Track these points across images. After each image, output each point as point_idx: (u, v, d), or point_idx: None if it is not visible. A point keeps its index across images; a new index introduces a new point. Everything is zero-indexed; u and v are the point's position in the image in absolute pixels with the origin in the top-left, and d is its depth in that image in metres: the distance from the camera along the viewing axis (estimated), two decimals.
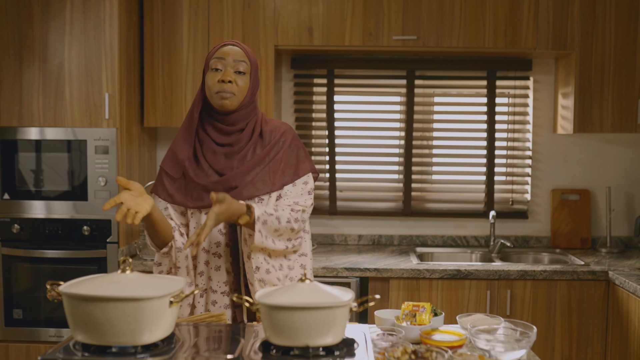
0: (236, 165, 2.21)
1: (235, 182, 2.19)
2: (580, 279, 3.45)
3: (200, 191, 2.20)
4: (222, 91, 2.16)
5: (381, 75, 4.15)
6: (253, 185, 2.20)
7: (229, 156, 2.23)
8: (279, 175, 2.25)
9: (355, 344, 1.66)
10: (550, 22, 3.70)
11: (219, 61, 2.19)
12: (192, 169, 2.22)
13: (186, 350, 1.62)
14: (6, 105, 3.52)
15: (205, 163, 2.22)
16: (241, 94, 2.20)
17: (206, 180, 2.20)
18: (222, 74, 2.18)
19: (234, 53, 2.20)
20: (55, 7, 3.47)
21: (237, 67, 2.19)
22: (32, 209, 3.56)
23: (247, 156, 2.23)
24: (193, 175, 2.21)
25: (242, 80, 2.20)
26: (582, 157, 4.15)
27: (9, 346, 3.59)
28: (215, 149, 2.23)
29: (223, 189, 2.17)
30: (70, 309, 1.57)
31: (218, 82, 2.17)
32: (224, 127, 2.22)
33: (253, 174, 2.21)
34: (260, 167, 2.23)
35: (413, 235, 4.19)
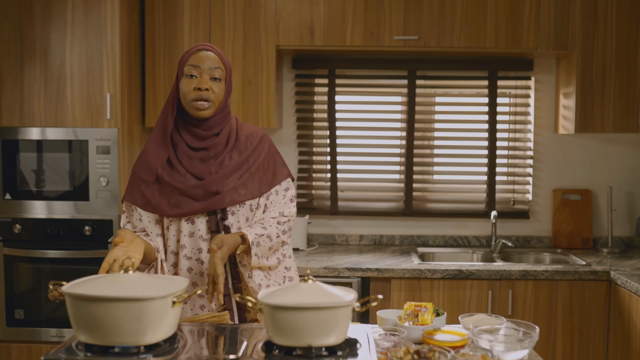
0: (214, 170, 2.19)
1: (216, 187, 2.16)
2: (581, 279, 3.45)
3: (178, 196, 2.17)
4: (198, 99, 2.14)
5: (382, 75, 4.15)
6: (235, 191, 2.18)
7: (205, 161, 2.20)
8: (258, 181, 2.24)
9: (358, 344, 1.66)
10: (551, 22, 3.70)
11: (194, 68, 2.16)
12: (167, 173, 2.18)
13: (188, 351, 1.62)
14: (7, 106, 3.52)
15: (181, 167, 2.19)
16: (217, 101, 2.19)
17: (184, 184, 2.16)
18: (197, 81, 2.15)
19: (210, 59, 2.17)
20: (56, 7, 3.47)
21: (213, 73, 2.17)
22: (34, 209, 3.56)
23: (224, 161, 2.21)
24: (169, 179, 2.17)
25: (217, 87, 2.18)
26: (583, 157, 4.15)
27: (11, 346, 3.59)
28: (190, 154, 2.20)
29: (203, 193, 2.15)
30: (73, 309, 1.57)
31: (194, 90, 2.15)
32: (199, 132, 2.20)
33: (234, 179, 2.19)
34: (239, 172, 2.21)
35: (414, 235, 4.18)
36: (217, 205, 2.16)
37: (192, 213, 2.16)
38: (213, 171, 2.19)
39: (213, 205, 2.16)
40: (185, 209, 2.15)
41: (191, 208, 2.15)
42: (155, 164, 2.19)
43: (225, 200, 2.16)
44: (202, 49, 2.19)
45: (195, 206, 2.15)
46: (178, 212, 2.16)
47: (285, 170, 2.33)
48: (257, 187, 2.23)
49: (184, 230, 2.18)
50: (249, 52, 3.73)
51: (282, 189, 2.30)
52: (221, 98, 2.20)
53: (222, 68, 2.19)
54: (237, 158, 2.23)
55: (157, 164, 2.19)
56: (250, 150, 2.26)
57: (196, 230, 2.18)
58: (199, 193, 2.16)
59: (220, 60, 2.19)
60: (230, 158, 2.22)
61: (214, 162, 2.20)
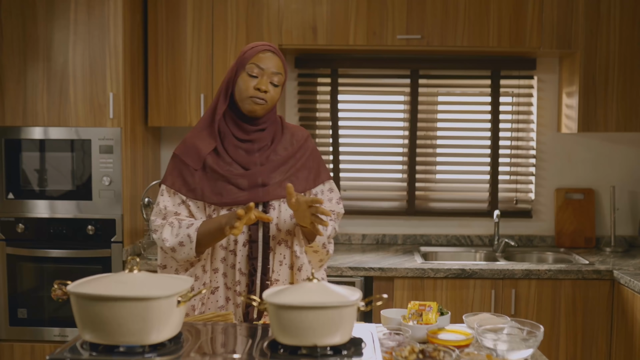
0: (259, 162, 2.20)
1: (262, 178, 2.17)
2: (585, 279, 3.45)
3: (223, 184, 2.16)
4: (255, 97, 2.14)
5: (385, 74, 4.15)
6: (280, 185, 2.19)
7: (250, 152, 2.20)
8: (304, 179, 2.25)
9: (362, 344, 1.66)
10: (554, 21, 3.69)
11: (257, 68, 2.16)
12: (212, 160, 2.18)
13: (193, 350, 1.62)
14: (10, 105, 3.52)
15: (227, 156, 2.19)
16: (272, 103, 2.19)
17: (229, 172, 2.16)
18: (258, 82, 2.15)
19: (273, 64, 2.17)
20: (59, 7, 3.47)
21: (273, 78, 2.17)
22: (36, 208, 3.56)
23: (270, 155, 2.22)
24: (215, 166, 2.17)
25: (275, 91, 2.18)
26: (586, 156, 4.15)
27: (14, 345, 3.59)
28: (236, 144, 2.20)
29: (248, 183, 2.15)
30: (78, 309, 1.57)
31: (253, 89, 2.15)
32: (246, 126, 2.20)
33: (280, 172, 2.21)
34: (286, 167, 2.22)
35: (417, 234, 4.18)
36: (261, 198, 2.16)
37: (235, 203, 2.14)
38: (258, 163, 2.19)
39: (258, 197, 2.16)
40: (228, 198, 2.14)
41: (235, 197, 2.14)
42: (203, 152, 2.18)
43: (270, 193, 2.17)
44: (268, 49, 2.18)
45: (239, 196, 2.15)
46: (221, 200, 2.15)
47: (328, 171, 2.36)
48: (302, 184, 2.24)
49: None
50: None
51: (326, 189, 2.32)
52: (275, 102, 2.20)
53: (282, 74, 2.20)
54: (282, 153, 2.24)
55: (204, 152, 2.18)
56: (296, 147, 2.27)
57: None
58: (244, 182, 2.15)
59: (282, 66, 2.20)
60: (275, 153, 2.23)
61: (259, 155, 2.21)
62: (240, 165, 2.19)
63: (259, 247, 2.17)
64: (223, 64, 3.73)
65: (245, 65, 2.17)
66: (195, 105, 3.74)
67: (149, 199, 3.63)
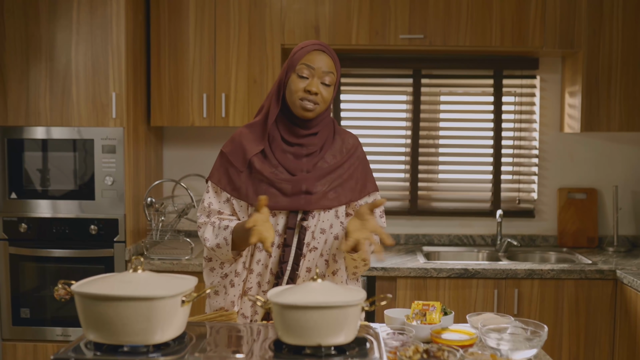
0: (306, 168, 2.15)
1: (307, 186, 2.12)
2: (588, 278, 3.45)
3: (266, 186, 2.12)
4: (306, 100, 2.10)
5: (387, 74, 4.15)
6: (325, 195, 2.14)
7: (298, 157, 2.16)
8: (349, 190, 2.21)
9: (367, 343, 1.65)
10: (557, 20, 3.69)
11: (307, 69, 2.10)
12: (258, 161, 2.14)
13: (197, 350, 1.62)
14: (13, 105, 3.52)
15: (273, 158, 2.15)
16: (324, 105, 2.14)
17: (274, 176, 2.12)
18: (309, 83, 2.10)
19: (324, 63, 2.11)
20: (61, 7, 3.48)
21: (324, 78, 2.11)
22: (39, 208, 3.56)
23: (318, 163, 2.17)
24: (260, 167, 2.13)
25: (326, 92, 2.12)
26: (588, 156, 4.15)
27: (17, 345, 3.60)
28: (284, 147, 2.16)
29: (292, 189, 2.11)
30: (83, 308, 1.57)
31: (304, 91, 2.10)
32: (297, 129, 2.16)
33: (325, 182, 2.16)
34: (332, 176, 2.17)
35: (419, 234, 4.18)
36: (303, 206, 2.12)
37: (277, 207, 2.11)
38: (305, 169, 2.15)
39: (300, 205, 2.12)
40: (270, 202, 2.10)
41: (276, 202, 2.11)
42: (249, 153, 2.15)
43: (313, 203, 2.13)
44: (318, 48, 2.13)
45: (281, 201, 2.12)
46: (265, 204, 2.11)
47: (374, 182, 2.31)
48: (347, 195, 2.19)
49: None
50: (255, 51, 3.72)
51: (370, 201, 2.26)
52: (327, 103, 2.15)
53: (334, 73, 2.13)
54: (330, 161, 2.19)
55: (250, 153, 2.15)
56: (345, 156, 2.22)
57: (275, 223, 2.13)
58: (287, 188, 2.12)
59: (333, 65, 2.14)
60: (324, 160, 2.18)
61: (306, 161, 2.17)
62: (286, 170, 2.15)
63: (291, 251, 2.14)
64: (225, 63, 3.73)
65: (295, 66, 2.12)
66: (198, 105, 3.74)
67: (151, 199, 3.63)
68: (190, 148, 4.18)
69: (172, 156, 4.19)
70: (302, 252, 2.15)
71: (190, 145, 4.18)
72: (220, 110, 3.74)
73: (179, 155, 4.19)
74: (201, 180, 4.09)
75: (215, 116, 3.74)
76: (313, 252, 2.18)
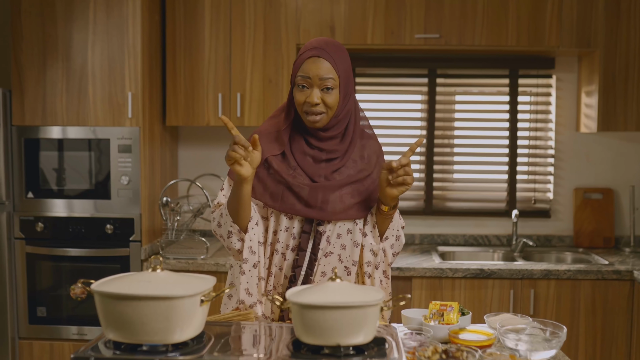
0: (324, 174, 2.12)
1: (322, 196, 2.09)
2: (604, 279, 3.43)
3: (283, 188, 2.09)
4: (309, 113, 2.06)
5: (402, 74, 4.14)
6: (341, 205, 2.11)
7: (317, 161, 2.12)
8: (368, 199, 2.16)
9: (385, 344, 1.65)
10: (574, 19, 3.67)
11: (304, 79, 2.03)
12: (277, 161, 2.11)
13: (215, 349, 1.62)
14: (30, 105, 3.54)
15: (292, 160, 2.12)
16: (331, 110, 2.06)
17: (292, 178, 2.09)
18: (308, 95, 2.03)
19: (320, 69, 2.02)
20: (78, 7, 3.49)
21: (324, 84, 2.03)
22: (55, 207, 3.58)
23: (338, 169, 2.14)
24: (278, 167, 2.10)
25: (330, 97, 2.04)
26: (605, 156, 4.12)
27: (33, 344, 3.62)
28: (305, 149, 2.12)
29: (307, 196, 2.08)
30: (102, 307, 1.57)
31: (305, 103, 2.05)
32: (317, 132, 2.12)
33: (343, 194, 2.11)
34: (350, 188, 2.13)
35: (434, 234, 4.17)
36: (317, 215, 2.10)
37: (292, 212, 2.09)
38: (323, 175, 2.12)
39: (314, 213, 2.10)
40: (286, 205, 2.09)
41: (292, 207, 2.09)
42: (265, 154, 2.11)
43: (327, 215, 2.10)
44: (313, 55, 2.04)
45: (296, 207, 2.09)
46: (278, 205, 2.10)
47: None
48: (364, 206, 2.16)
49: (282, 223, 2.13)
50: (270, 50, 3.73)
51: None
52: (335, 107, 2.06)
53: (334, 76, 2.04)
54: (350, 169, 2.15)
55: (267, 154, 2.12)
56: (365, 166, 2.18)
57: (291, 226, 2.12)
58: (304, 193, 2.08)
59: (332, 68, 2.03)
60: (345, 167, 2.15)
61: (325, 166, 2.13)
62: (304, 172, 2.12)
63: (306, 256, 2.12)
64: (241, 63, 3.73)
65: (295, 78, 2.08)
66: (213, 104, 3.75)
67: (167, 198, 3.64)
68: (205, 148, 4.19)
69: (187, 156, 4.20)
70: (317, 256, 2.13)
71: (205, 145, 4.19)
72: (236, 109, 3.74)
73: (194, 154, 4.20)
74: (216, 180, 4.09)
75: (231, 116, 3.75)
76: (328, 257, 2.15)
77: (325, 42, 2.07)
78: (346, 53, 2.11)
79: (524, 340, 1.85)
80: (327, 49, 2.05)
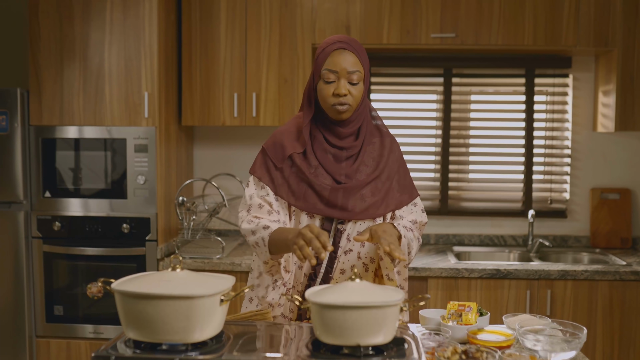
0: (345, 173, 2.13)
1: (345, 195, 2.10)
2: (622, 280, 3.40)
3: (306, 187, 2.11)
4: (338, 104, 2.07)
5: (418, 73, 4.13)
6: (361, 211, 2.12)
7: (338, 160, 2.14)
8: (392, 195, 2.19)
9: (405, 344, 1.65)
10: (591, 18, 3.64)
11: (332, 73, 2.07)
12: (300, 160, 2.13)
13: (235, 349, 1.62)
14: (48, 104, 3.56)
15: (314, 159, 2.13)
16: (356, 103, 2.10)
17: (314, 176, 2.11)
18: (335, 87, 2.07)
19: (348, 63, 2.06)
20: (95, 7, 3.51)
21: (351, 77, 2.07)
22: (71, 206, 3.60)
23: (357, 167, 2.15)
24: (302, 166, 2.12)
25: (356, 90, 2.09)
26: (622, 156, 4.09)
27: (50, 342, 3.64)
28: (326, 148, 2.14)
29: (328, 195, 2.10)
30: (123, 307, 1.58)
31: (333, 96, 2.07)
32: (336, 129, 2.14)
33: (363, 196, 2.13)
34: (370, 187, 2.15)
35: (450, 234, 4.16)
36: (338, 215, 2.11)
37: (313, 211, 2.11)
38: (344, 173, 2.13)
39: (335, 214, 2.11)
40: (307, 204, 2.11)
41: (313, 206, 2.11)
42: (288, 151, 2.14)
43: (348, 213, 2.11)
44: (339, 47, 2.08)
45: (317, 207, 2.11)
46: (300, 204, 2.12)
47: (414, 188, 2.28)
48: (385, 203, 2.17)
49: (302, 222, 2.14)
50: (285, 50, 3.73)
51: (411, 204, 2.26)
52: (359, 99, 2.11)
53: (360, 70, 2.09)
54: (370, 164, 2.17)
55: (289, 151, 2.14)
56: (383, 161, 2.20)
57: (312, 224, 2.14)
58: (325, 193, 2.10)
59: (358, 61, 2.09)
60: (364, 165, 2.17)
61: (346, 164, 2.15)
62: (326, 171, 2.13)
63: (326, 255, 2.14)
64: (256, 63, 3.73)
65: (320, 71, 2.11)
66: (229, 104, 3.75)
67: (182, 198, 3.65)
68: (220, 147, 4.19)
69: (203, 155, 4.21)
70: (337, 254, 2.14)
71: (221, 144, 4.19)
72: (251, 109, 3.75)
73: (209, 154, 4.20)
74: (231, 180, 4.10)
75: (246, 116, 3.75)
76: (348, 254, 2.16)
77: (348, 38, 2.12)
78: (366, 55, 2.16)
79: (544, 341, 1.83)
80: (352, 43, 2.10)
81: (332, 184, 2.12)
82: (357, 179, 2.14)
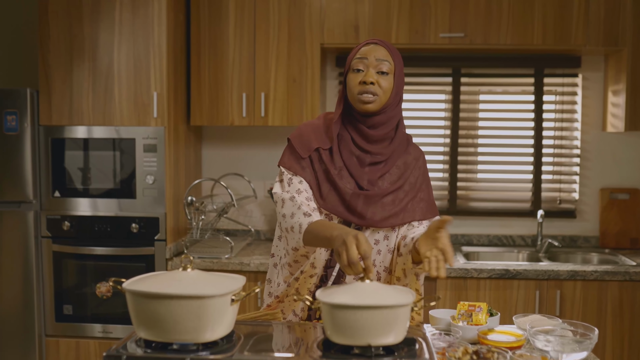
0: (367, 178, 2.11)
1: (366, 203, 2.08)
2: (632, 280, 3.39)
3: (329, 187, 2.10)
4: (364, 92, 2.05)
5: (427, 73, 4.12)
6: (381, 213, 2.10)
7: (362, 164, 2.11)
8: (412, 207, 2.16)
9: (416, 344, 1.64)
10: (601, 17, 3.63)
11: (360, 61, 2.07)
12: (325, 156, 2.11)
13: (245, 348, 1.62)
14: (57, 105, 3.57)
15: (339, 159, 2.11)
16: (385, 96, 2.06)
17: (337, 176, 2.10)
18: (363, 75, 2.06)
19: (377, 52, 2.06)
20: (104, 7, 3.52)
21: (380, 67, 2.06)
22: (80, 206, 3.61)
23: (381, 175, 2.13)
24: (328, 165, 2.10)
25: (385, 81, 2.06)
26: (632, 156, 4.07)
27: (59, 341, 3.65)
28: (351, 149, 2.12)
29: (349, 198, 2.07)
30: (134, 306, 1.58)
31: (360, 84, 2.05)
32: (365, 130, 2.10)
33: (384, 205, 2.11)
34: (391, 197, 2.12)
35: (458, 234, 4.15)
36: (358, 222, 2.10)
37: (333, 212, 2.09)
38: (366, 178, 2.11)
39: (354, 219, 2.09)
40: (328, 204, 2.09)
41: (333, 207, 2.08)
42: (314, 144, 2.12)
43: (366, 221, 2.09)
44: (370, 42, 2.10)
45: (338, 209, 2.08)
46: (321, 203, 2.10)
47: (434, 207, 2.23)
48: (404, 214, 2.14)
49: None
50: (294, 50, 3.73)
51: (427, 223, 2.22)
52: (389, 93, 2.08)
53: (390, 61, 2.07)
54: (394, 175, 2.15)
55: (315, 145, 2.12)
56: (407, 173, 2.18)
57: None
58: (346, 196, 2.08)
59: (388, 53, 2.08)
60: (389, 173, 2.14)
61: (368, 170, 2.12)
62: (350, 174, 2.11)
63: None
64: (265, 63, 3.74)
65: (351, 63, 2.11)
66: (237, 104, 3.76)
67: (191, 198, 3.65)
68: (229, 147, 4.20)
69: (211, 155, 4.22)
70: None
71: (229, 144, 4.20)
72: (260, 109, 3.75)
73: (218, 154, 4.21)
74: (240, 180, 4.10)
75: (255, 116, 3.75)
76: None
77: (383, 40, 2.13)
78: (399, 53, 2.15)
79: (555, 341, 1.83)
80: (385, 41, 2.12)
81: (354, 188, 2.10)
82: (380, 187, 2.12)
